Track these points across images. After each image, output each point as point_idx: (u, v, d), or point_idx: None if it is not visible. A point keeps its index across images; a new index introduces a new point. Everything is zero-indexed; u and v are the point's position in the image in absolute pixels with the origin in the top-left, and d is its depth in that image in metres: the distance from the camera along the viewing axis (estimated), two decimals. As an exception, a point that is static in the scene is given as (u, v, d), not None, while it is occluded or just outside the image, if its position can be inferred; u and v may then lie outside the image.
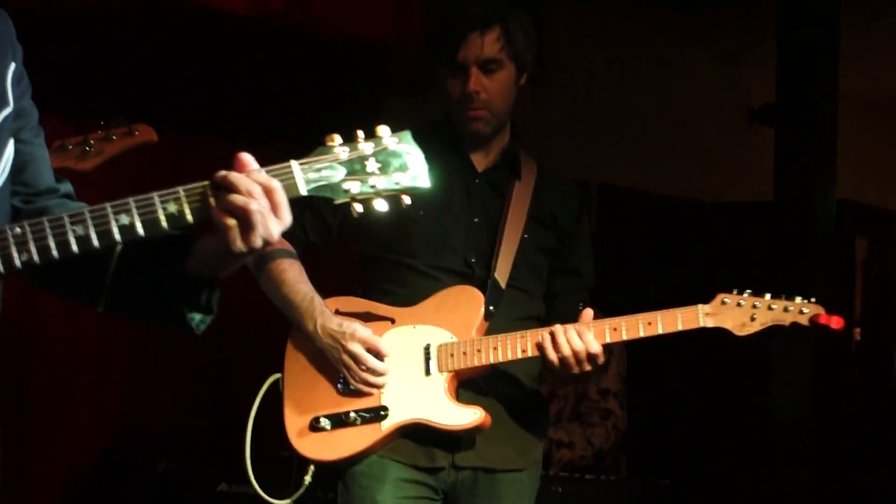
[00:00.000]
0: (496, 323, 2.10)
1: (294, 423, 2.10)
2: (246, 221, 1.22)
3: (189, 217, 1.25)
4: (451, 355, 2.05)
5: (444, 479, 2.12)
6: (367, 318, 2.09)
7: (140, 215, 1.26)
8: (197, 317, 1.40)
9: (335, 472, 2.12)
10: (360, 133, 1.27)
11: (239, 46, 3.51)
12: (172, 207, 1.26)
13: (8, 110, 1.35)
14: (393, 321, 2.11)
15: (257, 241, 1.24)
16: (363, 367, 1.99)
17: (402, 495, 2.07)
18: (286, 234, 2.08)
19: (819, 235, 3.42)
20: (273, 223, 1.24)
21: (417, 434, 2.06)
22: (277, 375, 2.14)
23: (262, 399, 2.10)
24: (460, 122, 2.14)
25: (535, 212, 2.19)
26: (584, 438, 3.19)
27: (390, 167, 1.30)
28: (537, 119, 4.73)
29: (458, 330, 2.07)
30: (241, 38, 3.37)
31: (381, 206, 1.28)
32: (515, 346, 2.03)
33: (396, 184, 1.29)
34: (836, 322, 1.93)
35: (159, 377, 3.74)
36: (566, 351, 1.96)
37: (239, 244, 1.24)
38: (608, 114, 5.12)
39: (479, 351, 2.03)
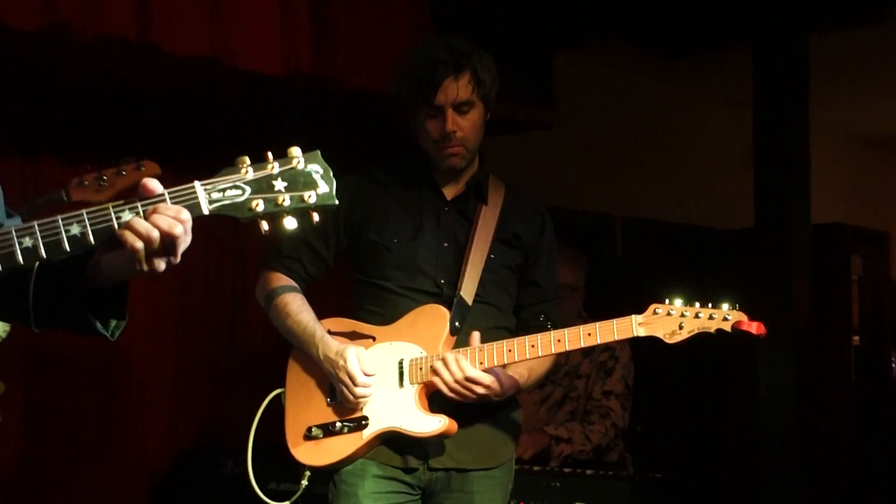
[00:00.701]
0: (466, 336, 2.18)
1: (292, 432, 2.26)
2: (151, 247, 1.22)
3: (91, 239, 1.24)
4: (420, 368, 2.17)
5: (419, 478, 2.22)
6: (353, 336, 2.25)
7: (43, 238, 1.24)
8: (112, 323, 1.40)
9: (328, 474, 2.24)
10: (270, 154, 1.26)
11: (272, 104, 3.62)
12: (76, 229, 1.24)
13: None
14: (374, 339, 2.23)
15: (160, 265, 1.26)
16: (352, 386, 2.13)
17: (380, 490, 2.20)
18: (287, 270, 2.33)
19: (796, 258, 3.56)
20: (181, 249, 1.25)
21: (394, 440, 2.19)
22: (280, 390, 2.30)
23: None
24: (438, 158, 2.24)
25: (500, 233, 2.28)
26: (582, 435, 3.27)
27: (298, 185, 1.25)
28: (561, 160, 5.10)
29: (427, 345, 2.18)
30: (274, 96, 3.46)
31: (290, 223, 1.26)
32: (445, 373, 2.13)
33: (303, 201, 1.25)
34: (756, 328, 1.97)
35: (235, 382, 3.79)
36: (450, 381, 2.08)
37: (144, 265, 1.25)
38: (628, 153, 5.42)
39: (425, 368, 2.15)
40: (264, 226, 1.25)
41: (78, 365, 3.53)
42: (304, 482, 2.20)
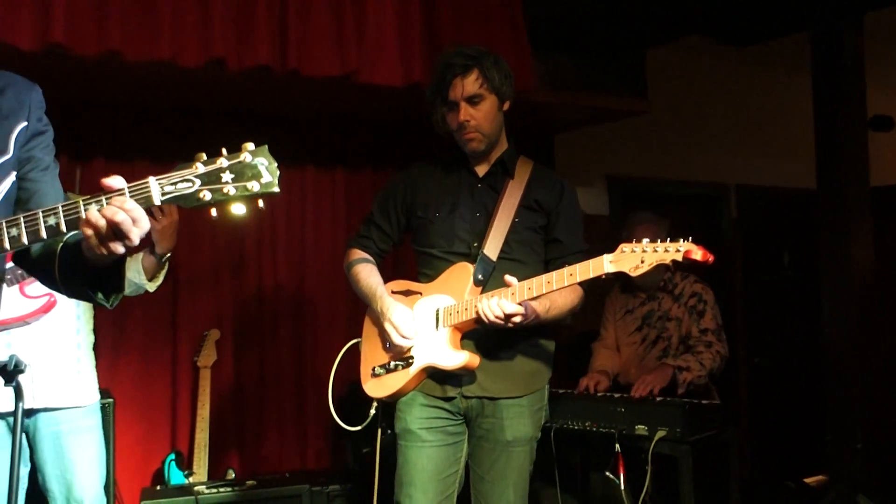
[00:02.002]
0: (495, 286, 2.30)
1: (363, 372, 2.52)
2: (100, 234, 1.30)
3: (63, 227, 1.32)
4: (450, 314, 2.35)
5: (457, 405, 2.39)
6: (407, 293, 2.48)
7: (26, 227, 1.34)
8: (112, 296, 1.53)
9: (391, 405, 2.47)
10: (224, 150, 1.29)
11: (396, 114, 3.82)
12: (51, 220, 1.33)
13: (6, 157, 1.50)
14: (420, 294, 2.45)
15: (116, 248, 1.32)
16: (396, 334, 2.37)
17: (425, 416, 2.40)
18: (362, 247, 2.64)
19: (856, 217, 3.51)
20: (132, 233, 1.31)
21: (435, 374, 2.38)
22: (357, 340, 2.57)
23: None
24: (461, 143, 2.44)
25: (524, 201, 2.42)
26: (697, 363, 3.34)
27: (244, 177, 1.26)
28: (681, 140, 5.25)
29: (456, 295, 2.36)
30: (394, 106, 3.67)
31: (237, 209, 1.29)
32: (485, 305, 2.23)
33: (246, 190, 1.26)
34: (702, 255, 2.02)
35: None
36: (490, 317, 2.18)
37: (101, 249, 1.32)
38: (728, 129, 5.50)
39: (465, 310, 2.31)
40: (213, 212, 1.29)
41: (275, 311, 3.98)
42: (373, 411, 2.46)
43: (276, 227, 4.02)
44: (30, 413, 2.84)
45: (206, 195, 1.27)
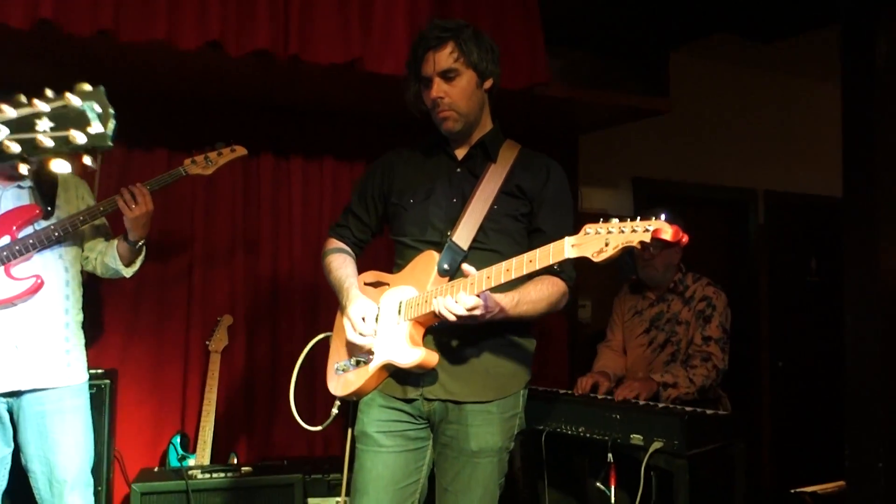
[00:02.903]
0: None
1: (329, 368, 2.18)
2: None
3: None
4: (410, 307, 1.98)
5: (419, 408, 2.02)
6: (376, 285, 2.13)
7: None
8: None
9: (354, 404, 2.11)
10: (49, 91, 0.96)
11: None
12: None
13: None
14: (388, 285, 2.09)
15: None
16: (350, 329, 2.01)
17: (384, 418, 2.04)
18: (339, 236, 2.27)
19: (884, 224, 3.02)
20: None
21: (397, 373, 2.02)
22: (328, 333, 2.22)
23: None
24: (437, 123, 2.07)
25: (505, 186, 2.04)
26: (686, 378, 2.97)
27: (67, 125, 0.94)
28: (709, 143, 4.78)
29: (420, 286, 1.99)
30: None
31: (58, 166, 0.96)
32: (449, 292, 1.88)
33: (68, 142, 0.94)
34: (672, 234, 1.58)
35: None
36: (446, 314, 1.81)
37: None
38: (771, 132, 5.02)
39: (425, 301, 1.93)
40: (23, 170, 0.96)
41: (289, 298, 3.69)
42: (335, 410, 2.11)
43: (293, 215, 3.73)
44: (16, 394, 2.60)
45: (13, 147, 0.94)
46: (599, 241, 1.64)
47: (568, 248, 1.69)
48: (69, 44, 2.62)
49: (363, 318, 2.00)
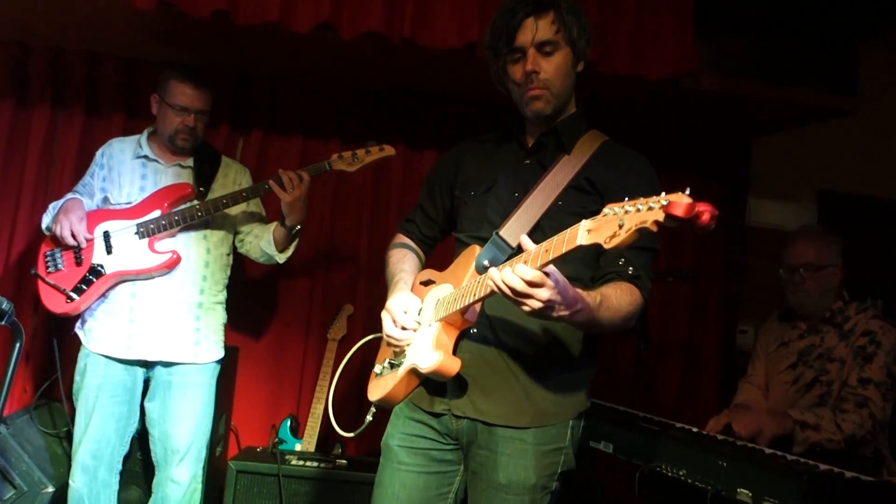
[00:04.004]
0: None
1: (373, 371, 1.95)
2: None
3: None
4: (441, 306, 1.72)
5: (447, 425, 1.75)
6: (426, 283, 1.87)
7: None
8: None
9: (389, 411, 1.88)
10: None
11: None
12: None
13: None
14: (435, 283, 1.83)
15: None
16: (388, 321, 1.78)
17: (409, 432, 1.80)
18: (405, 231, 2.07)
19: None
20: None
21: (427, 382, 1.77)
22: (378, 334, 1.95)
23: None
24: (522, 104, 1.78)
25: (575, 181, 1.72)
26: (832, 423, 2.46)
27: None
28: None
29: (456, 283, 1.73)
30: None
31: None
32: (478, 288, 1.59)
33: None
34: (684, 210, 1.19)
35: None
36: (504, 288, 1.45)
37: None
38: None
39: (455, 300, 1.66)
40: None
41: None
42: (369, 417, 1.88)
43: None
44: (149, 364, 2.73)
45: None
46: (613, 223, 1.30)
47: (582, 233, 1.36)
48: (189, 24, 2.68)
49: (405, 311, 1.78)
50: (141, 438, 2.87)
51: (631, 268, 1.67)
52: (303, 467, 2.93)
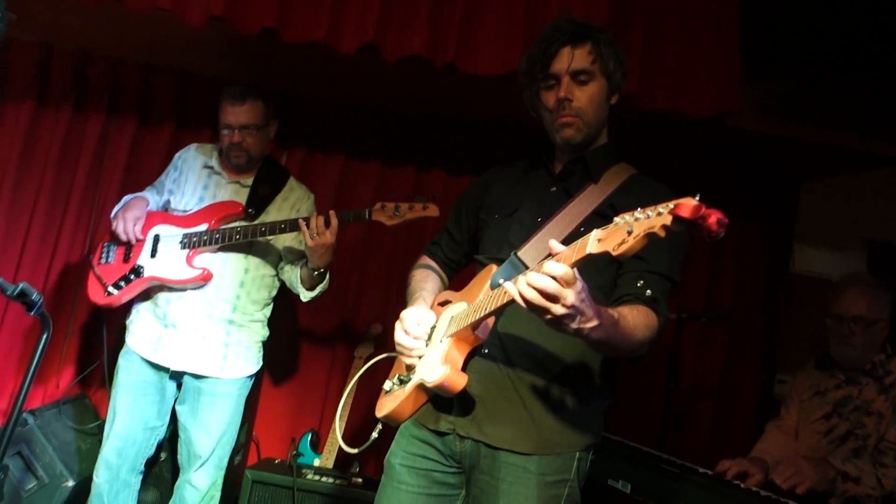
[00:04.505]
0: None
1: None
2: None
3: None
4: (453, 322, 1.68)
5: (450, 446, 1.72)
6: (444, 304, 1.84)
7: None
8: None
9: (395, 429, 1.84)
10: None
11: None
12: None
13: None
14: (451, 303, 1.80)
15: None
16: (399, 330, 1.75)
17: (412, 451, 1.77)
18: (430, 254, 2.08)
19: None
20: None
21: (435, 399, 1.73)
22: (386, 355, 1.97)
23: None
24: (553, 130, 1.77)
25: (599, 208, 1.69)
26: (873, 477, 2.33)
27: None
28: None
29: (471, 301, 1.70)
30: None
31: None
32: (490, 302, 1.55)
33: None
34: (690, 211, 1.16)
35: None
36: (527, 293, 1.36)
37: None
38: None
39: (466, 315, 1.63)
40: None
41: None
42: (374, 434, 1.84)
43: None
44: (176, 374, 2.76)
45: None
46: (622, 231, 1.28)
47: (593, 242, 1.31)
48: (238, 41, 2.75)
49: (417, 323, 1.76)
50: (171, 441, 2.91)
51: (649, 290, 1.63)
52: (318, 482, 2.92)
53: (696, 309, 3.30)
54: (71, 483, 2.79)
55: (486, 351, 1.72)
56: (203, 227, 2.73)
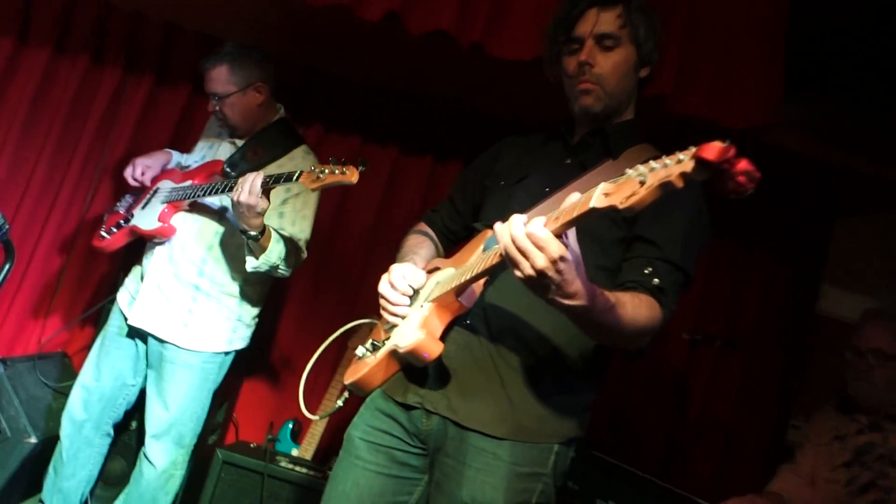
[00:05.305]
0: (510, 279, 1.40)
1: None
2: None
3: None
4: (438, 287, 1.51)
5: (416, 423, 1.55)
6: (432, 271, 1.67)
7: None
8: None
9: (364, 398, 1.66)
10: None
11: None
12: None
13: None
14: (439, 269, 1.63)
15: None
16: (384, 283, 1.57)
17: (374, 425, 1.59)
18: (428, 221, 1.92)
19: None
20: None
21: (408, 369, 1.56)
22: (370, 320, 1.80)
23: None
24: (572, 98, 1.60)
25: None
26: None
27: None
28: None
29: (461, 265, 1.53)
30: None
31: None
32: (479, 264, 1.39)
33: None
34: (716, 153, 0.99)
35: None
36: (507, 237, 1.22)
37: None
38: None
39: (450, 279, 1.47)
40: None
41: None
42: (339, 402, 1.69)
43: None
44: (141, 334, 2.60)
45: None
46: (634, 182, 1.11)
47: (598, 196, 1.15)
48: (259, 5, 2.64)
49: (404, 277, 1.59)
50: (143, 409, 2.76)
51: (657, 279, 1.45)
52: (290, 471, 2.75)
53: (712, 332, 3.09)
54: (33, 440, 2.65)
55: (469, 322, 1.56)
56: (188, 184, 2.61)
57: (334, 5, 2.51)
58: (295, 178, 2.17)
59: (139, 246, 2.71)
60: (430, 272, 1.70)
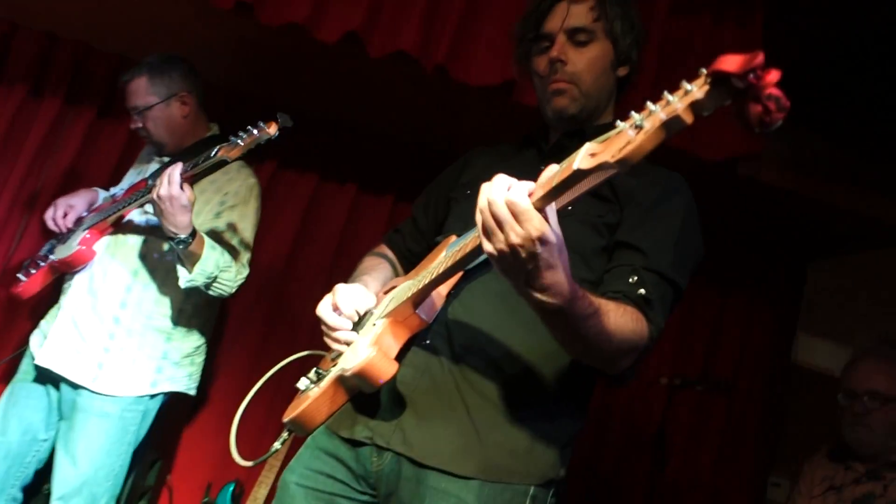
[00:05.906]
0: (481, 287, 1.30)
1: None
2: None
3: None
4: (395, 300, 1.31)
5: (365, 463, 1.30)
6: (388, 291, 1.47)
7: None
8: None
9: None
10: None
11: None
12: None
13: None
14: (395, 287, 1.43)
15: None
16: (323, 305, 1.37)
17: (314, 467, 1.34)
18: (389, 242, 1.74)
19: None
20: None
21: (356, 400, 1.32)
22: (319, 352, 1.57)
23: None
24: (543, 101, 1.44)
25: (596, 186, 1.30)
26: None
27: None
28: None
29: (420, 276, 1.32)
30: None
31: None
32: (440, 266, 1.22)
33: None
34: (738, 64, 0.79)
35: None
36: (483, 200, 1.05)
37: None
38: None
39: (409, 288, 1.27)
40: None
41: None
42: (277, 444, 1.45)
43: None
44: (53, 378, 2.29)
45: None
46: (625, 134, 0.89)
47: (583, 157, 0.95)
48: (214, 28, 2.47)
49: (349, 299, 1.38)
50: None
51: (643, 290, 1.25)
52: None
53: (691, 375, 2.90)
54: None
55: (429, 341, 1.34)
56: (109, 204, 2.39)
57: (290, 25, 2.35)
58: (213, 154, 1.95)
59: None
60: (386, 292, 1.49)
